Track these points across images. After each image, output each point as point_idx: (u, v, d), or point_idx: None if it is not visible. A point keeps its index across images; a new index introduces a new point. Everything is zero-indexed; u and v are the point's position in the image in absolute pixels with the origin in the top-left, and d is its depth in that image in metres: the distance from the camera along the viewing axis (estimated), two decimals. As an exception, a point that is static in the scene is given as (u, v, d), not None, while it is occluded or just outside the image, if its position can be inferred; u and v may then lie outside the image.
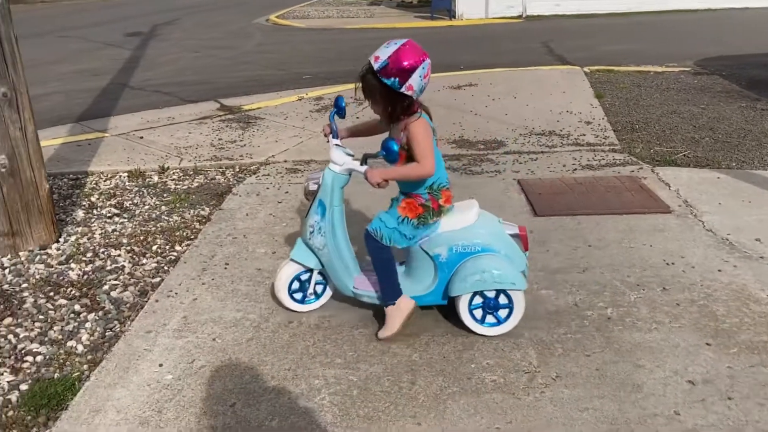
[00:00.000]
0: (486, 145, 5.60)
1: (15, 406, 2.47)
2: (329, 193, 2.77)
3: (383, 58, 2.48)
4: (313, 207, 2.79)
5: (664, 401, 2.28)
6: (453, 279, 2.71)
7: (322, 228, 2.79)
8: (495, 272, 2.64)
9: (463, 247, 2.71)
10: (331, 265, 2.84)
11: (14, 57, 3.65)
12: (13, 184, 3.73)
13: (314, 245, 2.82)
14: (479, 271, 2.65)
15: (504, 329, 2.72)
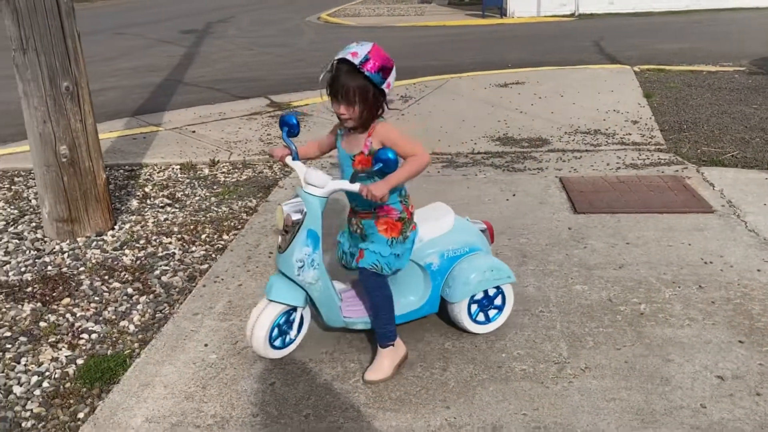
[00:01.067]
0: (530, 143, 5.63)
1: (72, 379, 2.65)
2: (318, 220, 2.49)
3: (362, 53, 2.32)
4: (300, 239, 2.47)
5: (692, 394, 2.32)
6: (451, 284, 2.65)
7: (314, 260, 2.50)
8: (494, 269, 2.68)
9: (453, 252, 2.68)
10: (324, 299, 2.56)
11: (76, 53, 3.86)
12: (72, 173, 3.94)
13: (305, 281, 2.51)
14: (480, 271, 2.65)
15: (498, 323, 2.76)
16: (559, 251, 3.48)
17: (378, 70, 2.32)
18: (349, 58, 2.31)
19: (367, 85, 2.33)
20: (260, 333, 2.53)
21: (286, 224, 2.49)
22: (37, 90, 3.77)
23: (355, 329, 2.66)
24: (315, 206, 2.46)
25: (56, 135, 3.84)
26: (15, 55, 3.77)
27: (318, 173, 2.46)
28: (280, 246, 2.54)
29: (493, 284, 2.69)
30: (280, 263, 2.53)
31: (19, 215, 4.45)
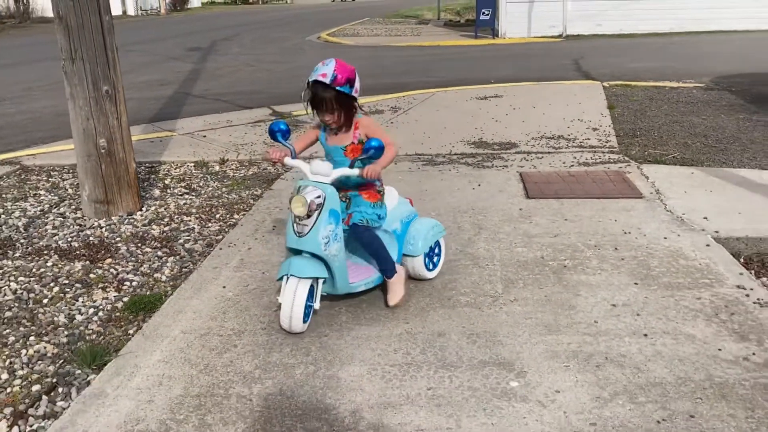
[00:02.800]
0: (500, 146, 6.44)
1: (120, 310, 3.43)
2: (337, 201, 2.98)
3: (329, 72, 2.91)
4: (323, 219, 2.89)
5: (589, 315, 3.10)
6: (413, 242, 3.32)
7: (337, 235, 2.94)
8: (436, 226, 3.48)
9: (406, 218, 3.38)
10: (341, 268, 3.01)
11: (115, 62, 4.69)
12: (109, 162, 4.75)
13: (330, 254, 2.92)
14: (429, 228, 3.41)
15: (440, 268, 3.53)
16: (509, 225, 4.27)
17: (345, 83, 2.94)
18: (320, 79, 2.92)
19: (341, 96, 2.97)
20: (300, 311, 2.91)
21: (309, 210, 2.87)
22: (82, 92, 4.58)
23: (356, 291, 3.17)
24: (330, 191, 2.95)
25: (97, 130, 4.65)
26: (64, 63, 4.58)
27: (323, 164, 3.00)
28: (299, 232, 2.92)
29: (439, 237, 3.50)
30: (304, 244, 2.91)
31: (59, 200, 5.25)
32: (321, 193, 2.92)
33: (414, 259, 3.38)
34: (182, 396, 2.59)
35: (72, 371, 2.90)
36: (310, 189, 2.93)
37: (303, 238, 2.92)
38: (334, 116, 3.03)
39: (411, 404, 2.50)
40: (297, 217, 2.92)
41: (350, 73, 2.99)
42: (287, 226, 3.02)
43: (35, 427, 2.54)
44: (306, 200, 2.87)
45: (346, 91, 2.97)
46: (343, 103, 3.01)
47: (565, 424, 2.36)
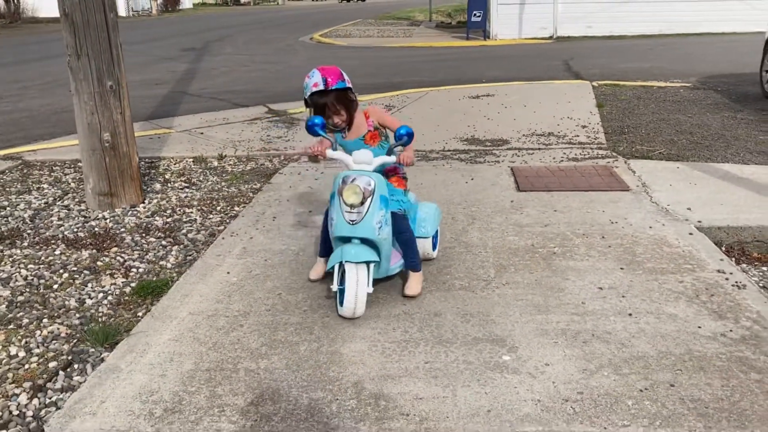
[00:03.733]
0: (492, 143, 6.61)
1: (129, 294, 3.57)
2: (386, 187, 3.14)
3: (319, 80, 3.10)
4: (375, 205, 3.01)
5: (577, 297, 3.27)
6: (424, 224, 3.52)
7: (387, 219, 3.09)
8: (438, 209, 3.74)
9: (414, 202, 3.58)
10: (388, 251, 3.17)
11: (119, 59, 4.82)
12: (113, 156, 4.88)
13: (382, 237, 3.05)
14: (436, 212, 3.67)
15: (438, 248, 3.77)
16: (501, 215, 4.44)
17: (337, 80, 3.13)
18: (314, 90, 3.11)
19: (339, 94, 3.15)
20: (364, 295, 3.02)
21: (364, 196, 2.99)
22: (87, 88, 4.72)
23: (391, 275, 3.34)
24: (379, 177, 3.10)
25: (101, 124, 4.79)
26: (70, 59, 4.71)
27: (365, 153, 3.13)
28: (352, 220, 3.01)
29: (440, 220, 3.77)
30: (359, 231, 3.01)
31: (63, 194, 5.38)
32: (371, 180, 3.05)
33: (425, 241, 3.57)
34: (193, 370, 2.74)
35: (86, 350, 3.04)
36: (360, 177, 3.04)
37: (357, 225, 3.02)
38: (341, 115, 3.21)
39: (409, 376, 2.66)
40: (350, 205, 3.01)
41: (335, 71, 3.18)
42: (335, 216, 3.08)
43: (54, 399, 2.69)
44: (360, 188, 3.00)
45: (341, 86, 3.15)
46: (343, 99, 3.19)
47: (554, 392, 2.53)
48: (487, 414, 2.41)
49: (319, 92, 3.13)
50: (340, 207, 3.05)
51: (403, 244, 3.30)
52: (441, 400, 2.50)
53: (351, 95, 3.23)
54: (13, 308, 3.44)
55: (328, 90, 3.13)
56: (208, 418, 2.43)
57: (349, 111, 3.24)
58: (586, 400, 2.47)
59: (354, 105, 3.26)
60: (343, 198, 3.02)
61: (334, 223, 3.10)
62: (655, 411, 2.40)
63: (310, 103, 3.20)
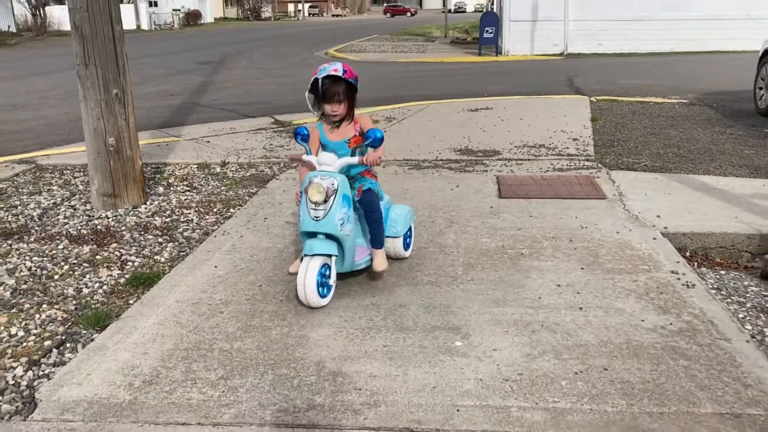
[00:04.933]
0: (484, 154, 6.86)
1: (123, 285, 3.86)
2: (348, 187, 3.38)
3: (339, 68, 3.40)
4: (338, 202, 3.25)
5: (535, 292, 3.50)
6: (395, 224, 3.75)
7: (350, 217, 3.33)
8: (410, 212, 3.95)
9: (386, 204, 3.77)
10: (351, 247, 3.40)
11: (124, 69, 5.15)
12: (117, 159, 5.20)
13: (344, 233, 3.28)
14: (407, 213, 3.88)
15: (412, 248, 4.02)
16: (478, 220, 4.69)
17: (353, 77, 3.44)
18: (332, 73, 3.38)
19: (349, 87, 3.44)
20: (312, 280, 3.22)
21: (327, 194, 3.23)
22: (94, 95, 5.05)
23: (357, 270, 3.55)
24: (342, 177, 3.34)
25: (106, 129, 5.11)
26: (78, 68, 5.05)
27: (328, 156, 3.40)
28: (316, 217, 3.25)
29: (412, 221, 3.99)
30: (322, 226, 3.25)
31: (71, 195, 5.71)
32: (334, 180, 3.27)
33: (395, 240, 3.80)
34: (172, 350, 3.01)
35: (79, 331, 3.33)
36: (325, 178, 3.28)
37: (320, 221, 3.25)
38: (341, 106, 3.44)
39: (367, 357, 2.91)
40: (314, 203, 3.24)
41: (353, 71, 3.49)
42: (301, 213, 3.33)
43: (47, 372, 2.97)
44: (323, 187, 3.24)
45: (353, 83, 3.44)
46: (349, 94, 3.46)
47: (497, 373, 2.76)
48: (432, 390, 2.66)
49: (334, 77, 3.38)
50: (306, 204, 3.30)
51: (372, 223, 3.51)
52: (393, 378, 2.75)
53: (354, 96, 3.51)
54: (17, 295, 3.74)
55: (344, 80, 3.39)
56: (181, 389, 2.70)
57: (348, 108, 3.49)
58: (524, 380, 2.71)
59: (353, 105, 3.52)
60: (308, 196, 3.27)
61: (300, 219, 3.35)
62: (586, 390, 2.63)
63: (318, 85, 3.41)
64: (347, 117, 3.53)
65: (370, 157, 3.42)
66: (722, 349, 2.90)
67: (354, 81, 3.45)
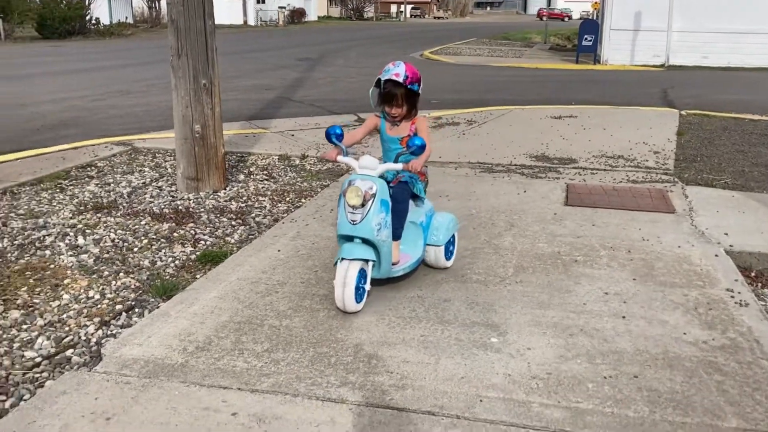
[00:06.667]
0: (560, 161, 6.84)
1: (193, 261, 4.16)
2: (387, 192, 3.33)
3: (402, 73, 3.43)
4: (376, 207, 3.22)
5: (580, 298, 3.54)
6: (436, 233, 3.70)
7: (387, 222, 3.28)
8: (454, 220, 3.88)
9: (429, 211, 3.75)
10: (387, 253, 3.35)
11: (213, 61, 5.49)
12: (202, 145, 5.55)
13: (380, 239, 3.25)
14: (450, 221, 3.82)
15: (454, 257, 3.93)
16: (539, 225, 4.72)
17: (415, 82, 3.49)
18: (394, 78, 3.43)
19: (409, 93, 3.50)
20: (351, 285, 3.20)
21: (365, 198, 3.20)
22: (184, 84, 5.41)
23: (394, 276, 3.53)
24: (381, 182, 3.30)
25: (194, 117, 5.47)
26: (172, 59, 5.42)
27: (371, 159, 3.35)
28: (353, 220, 3.23)
29: (455, 230, 3.92)
30: (358, 230, 3.23)
31: (159, 176, 6.13)
32: (373, 184, 3.26)
33: (437, 249, 3.76)
34: (227, 321, 3.26)
35: (147, 299, 3.63)
36: (363, 181, 3.26)
37: (357, 225, 3.23)
38: (400, 110, 3.53)
39: (404, 344, 3.05)
40: (351, 206, 3.24)
41: (417, 74, 3.52)
42: (339, 216, 3.33)
43: (114, 332, 3.27)
44: (361, 191, 3.22)
45: (414, 89, 3.51)
46: (409, 99, 3.53)
47: (526, 370, 2.84)
48: (459, 380, 2.77)
49: (394, 82, 3.45)
50: (344, 207, 3.29)
51: (394, 213, 3.41)
52: (424, 365, 2.88)
53: (416, 99, 3.58)
54: (99, 262, 4.11)
55: (403, 85, 3.45)
56: (228, 357, 2.93)
57: (408, 111, 3.57)
58: (551, 380, 2.77)
59: (413, 107, 3.59)
60: (346, 199, 3.26)
61: (338, 221, 3.34)
62: (611, 395, 2.67)
63: (381, 86, 3.50)
64: (407, 116, 3.61)
65: (413, 164, 3.36)
66: (762, 369, 2.86)
67: (415, 86, 3.50)
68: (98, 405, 2.57)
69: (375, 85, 3.57)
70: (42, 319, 3.38)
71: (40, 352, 3.07)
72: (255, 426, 2.44)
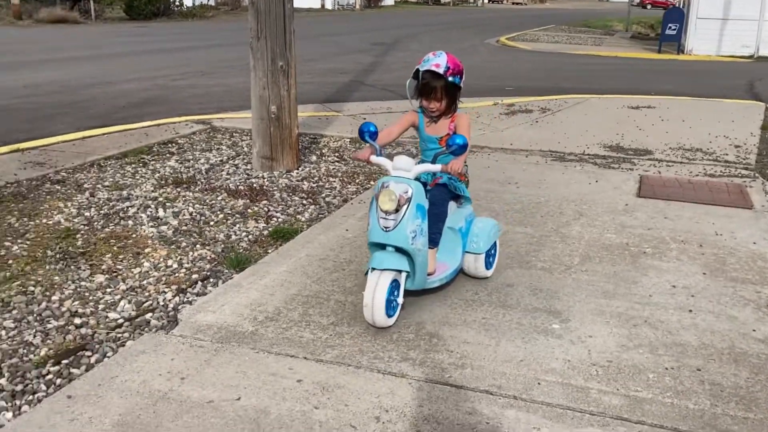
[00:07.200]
0: (635, 152, 6.70)
1: (265, 236, 4.32)
2: (424, 196, 3.02)
3: (443, 63, 3.12)
4: (411, 213, 2.89)
5: (647, 290, 3.50)
6: (476, 240, 3.38)
7: (423, 229, 2.96)
8: (496, 227, 3.57)
9: (469, 216, 3.45)
10: (423, 263, 3.02)
11: (291, 43, 5.63)
12: (277, 126, 5.72)
13: (416, 248, 2.93)
14: (491, 228, 3.49)
15: (494, 267, 3.59)
16: (608, 215, 4.67)
17: (457, 74, 3.17)
18: (433, 69, 3.11)
19: (449, 86, 3.18)
20: (381, 298, 2.89)
21: (399, 203, 2.89)
22: (262, 65, 5.58)
23: (430, 288, 3.23)
24: (418, 185, 2.97)
25: (270, 98, 5.63)
26: (251, 41, 5.59)
27: (406, 160, 3.03)
28: (385, 227, 2.92)
29: (497, 237, 3.59)
30: (391, 238, 2.92)
31: (235, 155, 6.35)
32: (408, 187, 2.93)
33: (476, 257, 3.44)
34: (295, 295, 3.39)
35: (221, 270, 3.81)
36: (398, 184, 2.94)
37: (390, 232, 2.91)
38: (439, 104, 3.22)
39: (465, 325, 3.10)
40: (384, 211, 2.91)
41: (459, 65, 3.22)
42: (370, 221, 3.02)
43: (190, 299, 3.45)
44: (395, 194, 2.89)
45: (456, 82, 3.20)
46: (449, 92, 3.22)
47: (586, 357, 2.85)
48: (518, 363, 2.81)
49: (434, 73, 3.16)
50: (376, 212, 2.97)
51: (431, 217, 3.14)
52: (484, 346, 2.93)
53: (457, 94, 3.28)
54: (177, 234, 4.32)
55: (443, 77, 3.16)
56: (296, 328, 3.06)
57: (447, 107, 3.26)
58: (611, 368, 2.78)
59: (454, 102, 3.30)
60: (379, 203, 2.94)
61: (369, 228, 3.03)
62: (671, 386, 2.66)
63: (419, 77, 3.20)
64: (446, 112, 3.30)
65: (453, 165, 3.03)
66: (834, 370, 2.79)
67: (457, 79, 3.20)
68: (174, 365, 2.74)
69: (413, 76, 3.25)
70: (124, 284, 3.60)
71: (122, 314, 3.28)
72: (318, 393, 2.56)
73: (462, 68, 3.24)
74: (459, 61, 3.25)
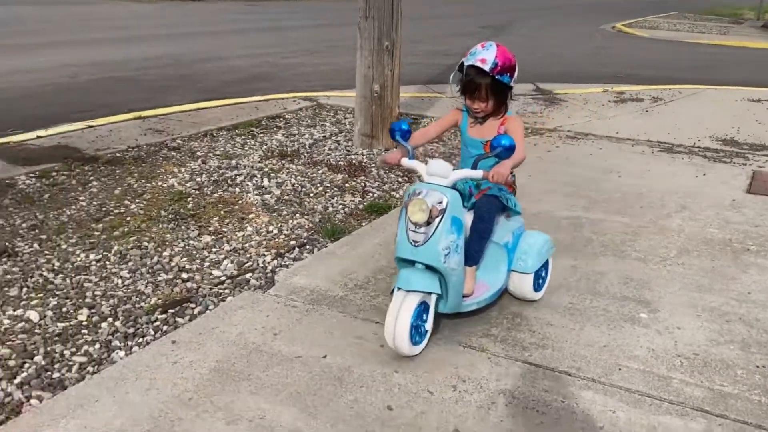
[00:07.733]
0: (750, 147, 6.38)
1: (360, 210, 4.47)
2: (461, 207, 2.61)
3: (490, 58, 2.69)
4: (445, 227, 2.51)
5: (746, 287, 3.37)
6: (524, 257, 2.94)
7: (459, 246, 2.57)
8: (548, 242, 3.09)
9: (518, 230, 2.99)
10: (458, 284, 2.64)
11: (397, 24, 5.72)
12: (378, 105, 5.84)
13: (449, 267, 2.55)
14: (543, 244, 3.04)
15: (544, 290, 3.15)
16: (713, 210, 4.51)
17: (505, 71, 2.72)
18: (478, 65, 2.69)
19: (497, 84, 2.74)
20: (404, 323, 2.52)
21: (431, 215, 2.50)
22: (368, 45, 5.70)
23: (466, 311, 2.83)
24: (454, 194, 2.57)
25: (374, 77, 5.76)
26: (360, 20, 5.73)
27: (442, 164, 2.62)
28: (415, 241, 2.54)
29: (549, 255, 3.13)
30: (421, 255, 2.54)
31: (338, 131, 6.54)
32: (443, 197, 2.54)
33: (524, 277, 2.99)
34: (385, 266, 3.51)
35: (317, 239, 3.98)
36: (431, 192, 2.55)
37: (419, 247, 2.54)
38: (484, 105, 2.81)
39: (549, 308, 3.12)
40: (414, 223, 2.54)
41: (511, 61, 2.78)
42: (399, 233, 2.64)
43: (287, 263, 3.65)
44: (427, 204, 2.51)
45: (504, 81, 2.78)
46: (497, 92, 2.80)
47: (672, 348, 2.81)
48: (601, 348, 2.81)
49: (479, 69, 2.75)
50: (405, 223, 2.59)
51: (476, 233, 2.83)
52: (568, 330, 2.94)
53: (508, 93, 2.87)
54: (279, 203, 4.54)
55: (490, 75, 2.75)
56: (382, 297, 3.18)
57: (494, 106, 2.85)
58: (697, 360, 2.73)
59: (503, 103, 2.89)
60: (408, 214, 2.55)
61: (397, 240, 2.64)
62: (761, 383, 2.59)
63: (463, 72, 2.80)
64: (494, 113, 2.89)
65: (497, 172, 2.58)
66: None
67: (505, 77, 2.76)
68: (268, 321, 2.92)
69: (458, 69, 2.84)
70: (228, 245, 3.84)
71: (225, 272, 3.51)
72: (399, 358, 2.66)
73: (514, 64, 2.80)
74: (512, 55, 2.80)
